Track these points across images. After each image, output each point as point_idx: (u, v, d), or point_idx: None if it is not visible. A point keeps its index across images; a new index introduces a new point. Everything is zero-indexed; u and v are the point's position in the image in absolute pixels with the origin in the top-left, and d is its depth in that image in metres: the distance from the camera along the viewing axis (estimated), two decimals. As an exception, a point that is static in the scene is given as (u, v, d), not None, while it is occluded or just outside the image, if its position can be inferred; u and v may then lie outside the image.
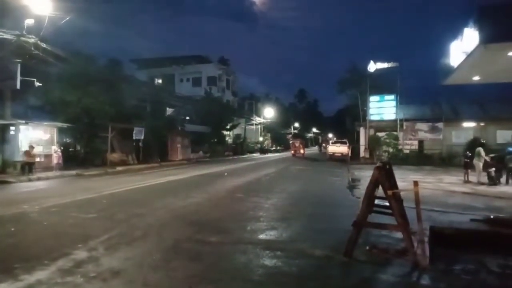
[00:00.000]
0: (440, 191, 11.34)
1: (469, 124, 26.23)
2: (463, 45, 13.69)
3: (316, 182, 15.56)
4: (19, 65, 15.22)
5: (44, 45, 15.57)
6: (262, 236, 6.28)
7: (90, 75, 20.84)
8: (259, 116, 52.72)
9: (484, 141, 16.71)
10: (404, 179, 14.29)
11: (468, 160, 14.88)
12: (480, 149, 14.34)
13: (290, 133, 68.47)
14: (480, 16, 11.77)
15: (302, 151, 40.13)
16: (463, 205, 9.40)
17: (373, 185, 5.13)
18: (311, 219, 7.72)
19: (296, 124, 72.03)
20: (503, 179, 13.71)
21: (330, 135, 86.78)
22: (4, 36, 14.53)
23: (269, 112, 53.95)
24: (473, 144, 19.59)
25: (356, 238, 5.14)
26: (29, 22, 14.66)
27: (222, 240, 5.94)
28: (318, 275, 4.51)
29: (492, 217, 7.44)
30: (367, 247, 5.53)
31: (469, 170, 14.70)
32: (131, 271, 4.44)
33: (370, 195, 5.17)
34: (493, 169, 13.36)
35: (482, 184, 13.39)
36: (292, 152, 40.64)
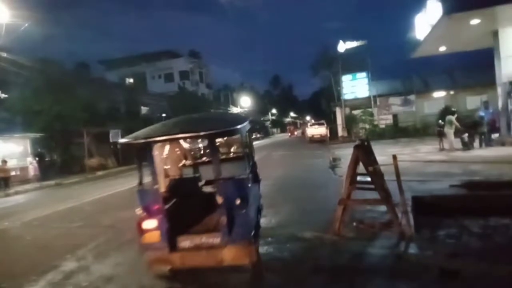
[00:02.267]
0: (418, 162, 11.67)
1: (439, 94, 26.94)
2: (428, 17, 14.02)
3: (298, 166, 15.70)
4: (-20, 78, 14.61)
5: (5, 54, 14.94)
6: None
7: (57, 81, 20.23)
8: (235, 106, 52.56)
9: (455, 109, 17.20)
10: (383, 153, 14.60)
11: (441, 129, 15.31)
12: (451, 117, 14.75)
13: (268, 120, 68.67)
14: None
15: (295, 132, 58.74)
16: (441, 172, 9.72)
17: (354, 163, 5.23)
18: (297, 203, 7.81)
19: (274, 111, 72.23)
20: (476, 144, 14.22)
21: (308, 118, 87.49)
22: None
23: (245, 101, 53.92)
24: (445, 112, 20.14)
25: (342, 215, 5.25)
26: (-15, 31, 14.00)
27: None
28: (309, 256, 4.60)
29: (469, 181, 7.74)
30: (354, 224, 5.66)
31: (443, 138, 15.13)
32: (123, 276, 4.42)
33: (352, 173, 5.28)
34: (466, 134, 13.82)
35: (457, 150, 13.85)
36: (289, 134, 60.26)
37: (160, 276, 4.26)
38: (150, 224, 3.98)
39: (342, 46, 28.28)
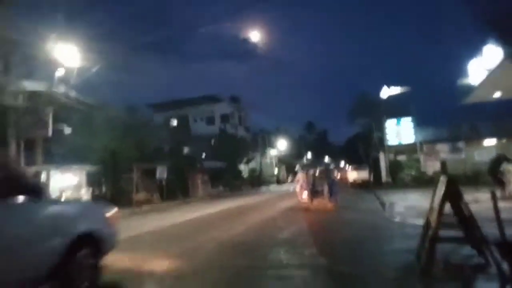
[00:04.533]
0: (484, 208, 11.08)
1: (490, 142, 26.01)
2: (484, 62, 13.96)
3: (350, 208, 15.29)
4: (51, 114, 15.76)
5: (73, 94, 16.19)
6: (321, 261, 6.15)
7: (113, 121, 21.56)
8: (273, 148, 52.98)
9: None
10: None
11: (501, 177, 14.75)
12: (505, 164, 14.56)
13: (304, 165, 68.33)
14: (502, 32, 12.10)
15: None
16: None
17: (444, 199, 5.10)
18: (366, 243, 7.59)
19: (309, 155, 71.96)
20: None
21: (342, 163, 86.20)
22: (37, 88, 15.17)
23: (282, 145, 54.20)
24: (498, 160, 19.33)
25: (433, 254, 5.03)
26: (59, 72, 15.34)
27: (283, 268, 5.85)
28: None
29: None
30: (442, 265, 5.40)
31: (505, 187, 14.52)
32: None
33: (442, 209, 5.13)
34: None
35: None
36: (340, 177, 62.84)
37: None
38: (304, 194, 14.99)
39: (386, 92, 28.35)
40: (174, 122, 42.60)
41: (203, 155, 37.81)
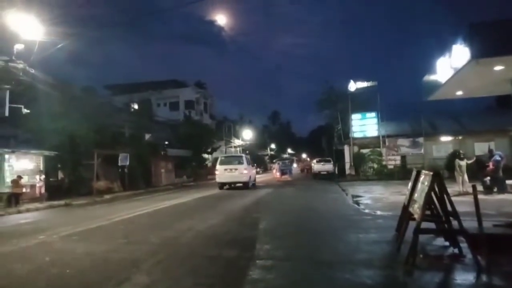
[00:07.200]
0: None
1: (447, 138, 27.42)
2: (452, 61, 14.50)
3: (318, 199, 15.57)
4: (7, 92, 14.55)
5: (33, 71, 15.02)
6: (305, 252, 6.18)
7: (71, 102, 20.37)
8: (237, 138, 52.77)
9: (463, 152, 17.34)
10: (400, 192, 14.65)
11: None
12: (456, 161, 15.31)
13: (267, 155, 68.84)
14: (471, 32, 12.60)
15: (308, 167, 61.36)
16: (473, 212, 9.70)
17: (431, 191, 5.24)
18: (343, 234, 7.71)
19: (273, 145, 72.56)
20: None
21: (304, 155, 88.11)
22: (-8, 62, 13.93)
23: (247, 134, 54.15)
24: (454, 156, 20.40)
25: (416, 245, 5.17)
26: (18, 47, 14.14)
27: (274, 257, 5.80)
28: (394, 284, 4.50)
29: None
30: (421, 255, 5.58)
31: (460, 182, 15.27)
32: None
33: (427, 202, 5.27)
34: (488, 178, 13.94)
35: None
36: (301, 169, 61.86)
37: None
38: (278, 173, 34.79)
39: (353, 86, 28.99)
40: (135, 106, 41.05)
41: (166, 142, 36.88)
